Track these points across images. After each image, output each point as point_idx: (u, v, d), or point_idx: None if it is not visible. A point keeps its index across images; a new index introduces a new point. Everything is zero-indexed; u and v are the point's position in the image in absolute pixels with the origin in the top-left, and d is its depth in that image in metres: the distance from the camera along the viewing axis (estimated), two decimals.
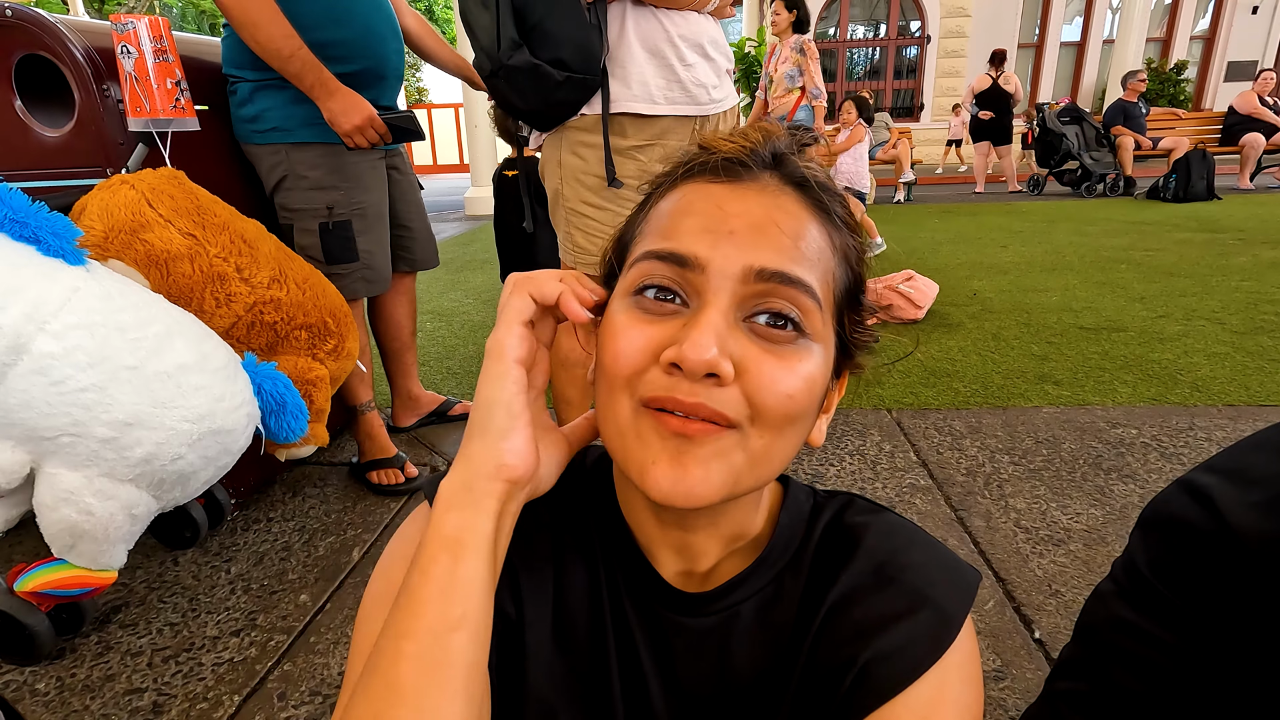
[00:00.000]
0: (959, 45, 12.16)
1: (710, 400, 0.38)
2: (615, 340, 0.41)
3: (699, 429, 0.38)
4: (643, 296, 0.41)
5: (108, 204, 1.26)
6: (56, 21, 1.41)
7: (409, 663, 0.36)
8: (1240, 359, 2.53)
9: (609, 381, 0.41)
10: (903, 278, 3.27)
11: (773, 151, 0.44)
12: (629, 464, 0.41)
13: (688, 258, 0.40)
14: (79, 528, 1.11)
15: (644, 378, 0.40)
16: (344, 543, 1.63)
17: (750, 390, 0.38)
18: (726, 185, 0.42)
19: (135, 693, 1.20)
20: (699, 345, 0.37)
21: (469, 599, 0.38)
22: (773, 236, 0.40)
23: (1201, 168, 6.74)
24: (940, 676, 0.41)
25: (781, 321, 0.40)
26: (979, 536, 1.55)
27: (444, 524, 0.40)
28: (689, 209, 0.42)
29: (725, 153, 0.43)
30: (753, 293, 0.39)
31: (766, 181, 0.43)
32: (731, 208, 0.41)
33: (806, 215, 0.42)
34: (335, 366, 1.53)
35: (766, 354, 0.39)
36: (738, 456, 0.40)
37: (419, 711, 0.36)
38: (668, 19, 1.29)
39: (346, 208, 1.69)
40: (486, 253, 5.55)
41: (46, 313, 1.02)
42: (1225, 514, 0.51)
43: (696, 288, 0.40)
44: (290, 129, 1.61)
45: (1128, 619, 0.58)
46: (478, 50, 1.31)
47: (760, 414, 0.39)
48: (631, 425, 0.40)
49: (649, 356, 0.39)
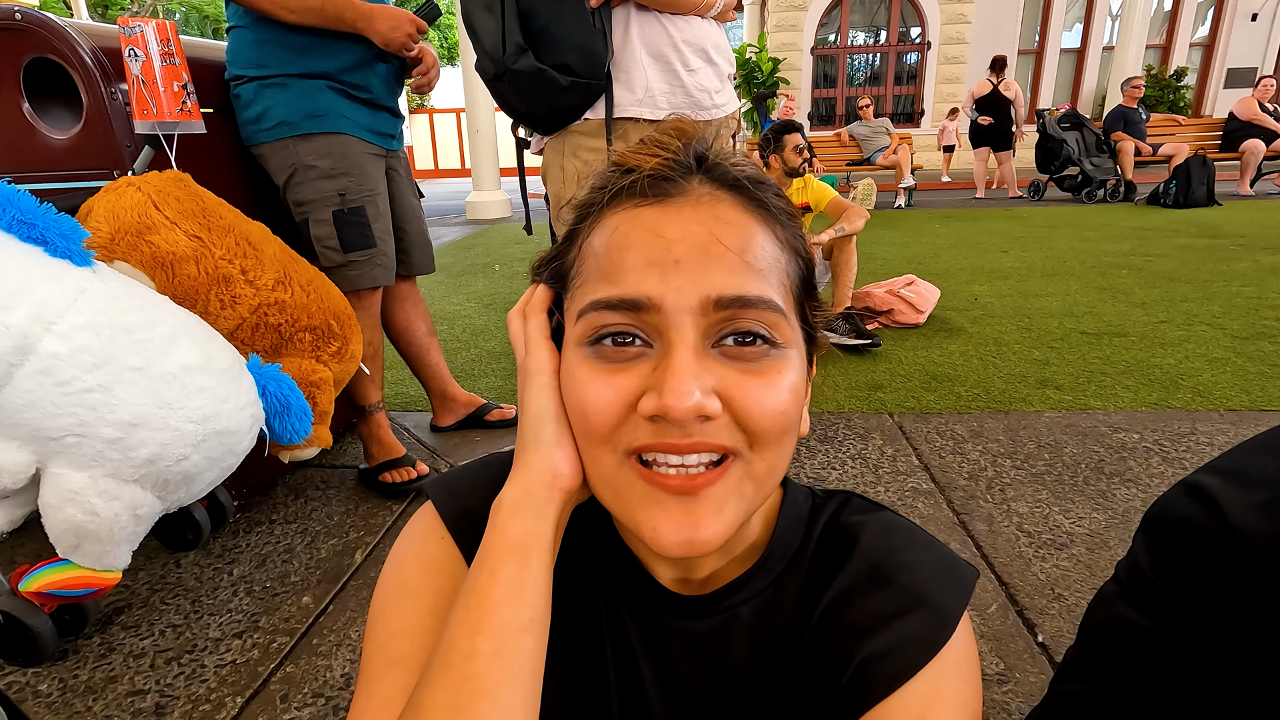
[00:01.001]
0: (959, 51, 12.19)
1: (705, 435, 0.37)
2: (582, 396, 0.39)
3: (704, 480, 0.38)
4: (601, 346, 0.39)
5: (114, 206, 1.27)
6: (65, 25, 1.42)
7: (486, 660, 0.37)
8: (1241, 364, 2.53)
9: (585, 437, 0.40)
10: (904, 282, 3.28)
11: (696, 155, 0.42)
12: (628, 520, 0.40)
13: (639, 300, 0.37)
14: (84, 528, 1.11)
15: (623, 429, 0.38)
16: (346, 545, 1.63)
17: (740, 415, 0.38)
18: (658, 206, 0.40)
19: (138, 694, 1.20)
20: (679, 393, 0.35)
21: (536, 603, 0.39)
22: (720, 256, 0.38)
23: (1202, 174, 6.75)
24: (936, 674, 0.41)
25: (750, 338, 0.38)
26: (981, 540, 1.55)
27: (509, 530, 0.40)
28: (626, 243, 0.39)
29: (648, 169, 0.40)
30: (715, 320, 0.38)
31: (698, 191, 0.40)
32: (670, 233, 0.38)
33: (747, 219, 0.40)
34: (339, 369, 1.54)
35: (745, 375, 0.38)
36: (746, 486, 0.39)
37: (497, 705, 0.36)
38: (671, 24, 1.30)
39: (358, 194, 1.69)
40: (488, 257, 5.56)
41: (53, 313, 1.03)
42: (1228, 514, 0.51)
43: (656, 327, 0.38)
44: (295, 122, 1.62)
45: (1131, 620, 0.58)
46: (481, 54, 1.32)
47: (756, 436, 0.38)
48: (622, 479, 0.39)
49: (624, 409, 0.38)
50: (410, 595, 0.46)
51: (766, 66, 11.09)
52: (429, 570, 0.47)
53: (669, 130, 0.43)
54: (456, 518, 0.48)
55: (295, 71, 1.60)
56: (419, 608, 0.45)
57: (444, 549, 0.47)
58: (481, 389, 2.57)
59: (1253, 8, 12.03)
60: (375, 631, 0.45)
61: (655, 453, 0.38)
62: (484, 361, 2.94)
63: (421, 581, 0.46)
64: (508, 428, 2.24)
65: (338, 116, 1.65)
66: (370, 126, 1.73)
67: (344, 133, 1.65)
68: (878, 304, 3.22)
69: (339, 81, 1.64)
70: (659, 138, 0.42)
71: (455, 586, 0.46)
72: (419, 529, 0.49)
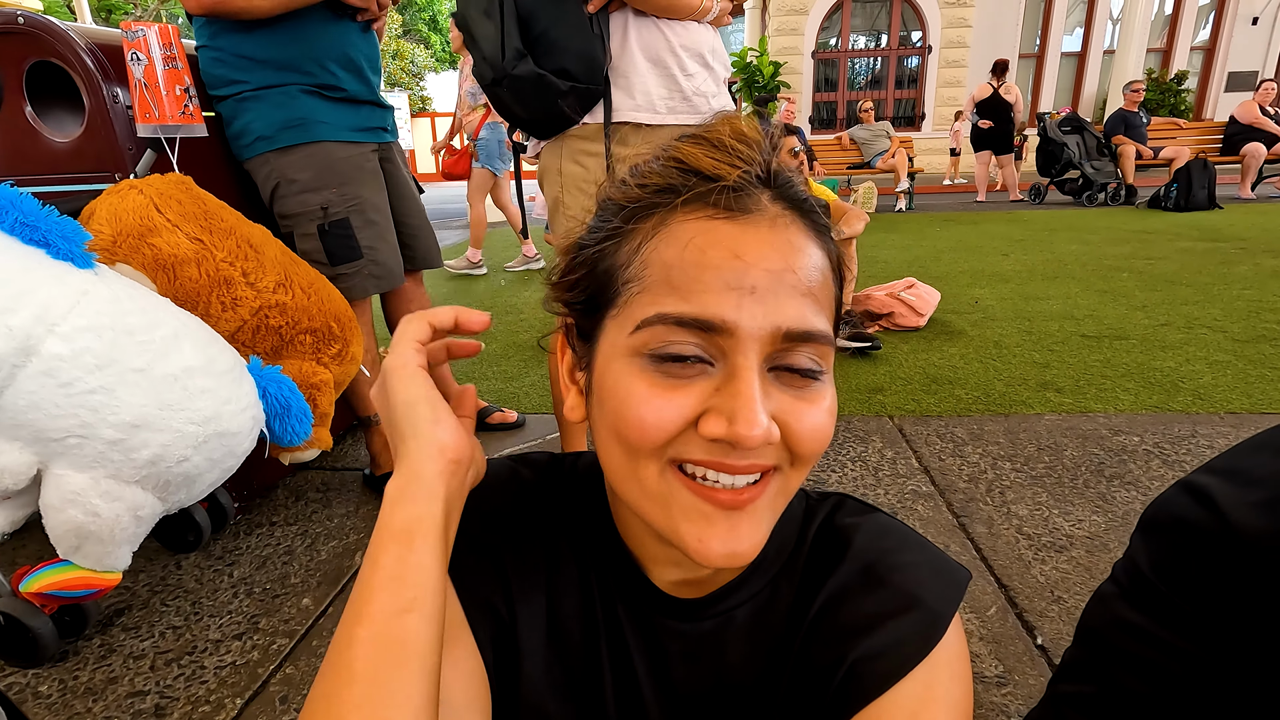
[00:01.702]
0: (960, 55, 12.22)
1: (760, 458, 0.38)
2: (638, 410, 0.38)
3: (749, 496, 0.39)
4: (666, 364, 0.38)
5: (116, 209, 1.28)
6: (67, 29, 1.43)
7: (361, 646, 0.37)
8: (1242, 367, 2.53)
9: (631, 449, 0.39)
10: (904, 285, 3.28)
11: (765, 168, 0.41)
12: (669, 529, 0.40)
13: (715, 323, 0.37)
14: (85, 529, 1.11)
15: (676, 442, 0.38)
16: (346, 547, 1.63)
17: (792, 439, 0.39)
18: (734, 223, 0.39)
19: (137, 695, 1.20)
20: (753, 423, 0.36)
21: (421, 584, 0.38)
22: (793, 287, 0.38)
23: (1203, 177, 6.75)
24: (929, 674, 0.41)
25: (806, 370, 0.39)
26: (981, 543, 1.55)
27: (393, 518, 0.40)
28: (703, 260, 0.38)
29: (729, 181, 0.39)
30: (779, 349, 0.38)
31: (769, 209, 0.40)
32: (749, 255, 0.38)
33: (810, 243, 0.40)
34: (339, 371, 1.54)
35: (798, 401, 0.39)
36: (780, 500, 0.41)
37: (373, 688, 0.36)
38: (669, 29, 1.31)
39: (341, 205, 1.67)
40: (489, 259, 5.57)
41: (55, 315, 1.03)
42: (1226, 513, 0.51)
43: (722, 349, 0.38)
44: (272, 136, 1.61)
45: (1130, 620, 0.58)
46: (479, 59, 1.32)
47: (801, 457, 0.40)
48: (664, 489, 0.39)
49: (683, 425, 0.38)
50: None
51: (767, 70, 11.11)
52: None
53: (736, 135, 0.41)
54: None
55: (266, 83, 1.57)
56: None
57: None
58: (482, 392, 2.58)
59: (1253, 11, 12.05)
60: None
61: (706, 469, 0.38)
62: (485, 364, 2.95)
63: None
64: (509, 430, 2.25)
65: (315, 123, 1.62)
66: (353, 125, 1.70)
67: (324, 140, 1.63)
68: (878, 307, 3.23)
69: (311, 84, 1.62)
70: (727, 142, 0.40)
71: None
72: None
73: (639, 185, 0.42)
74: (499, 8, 1.22)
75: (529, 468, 0.53)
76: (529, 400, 2.51)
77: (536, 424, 2.30)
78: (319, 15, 1.61)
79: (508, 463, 0.54)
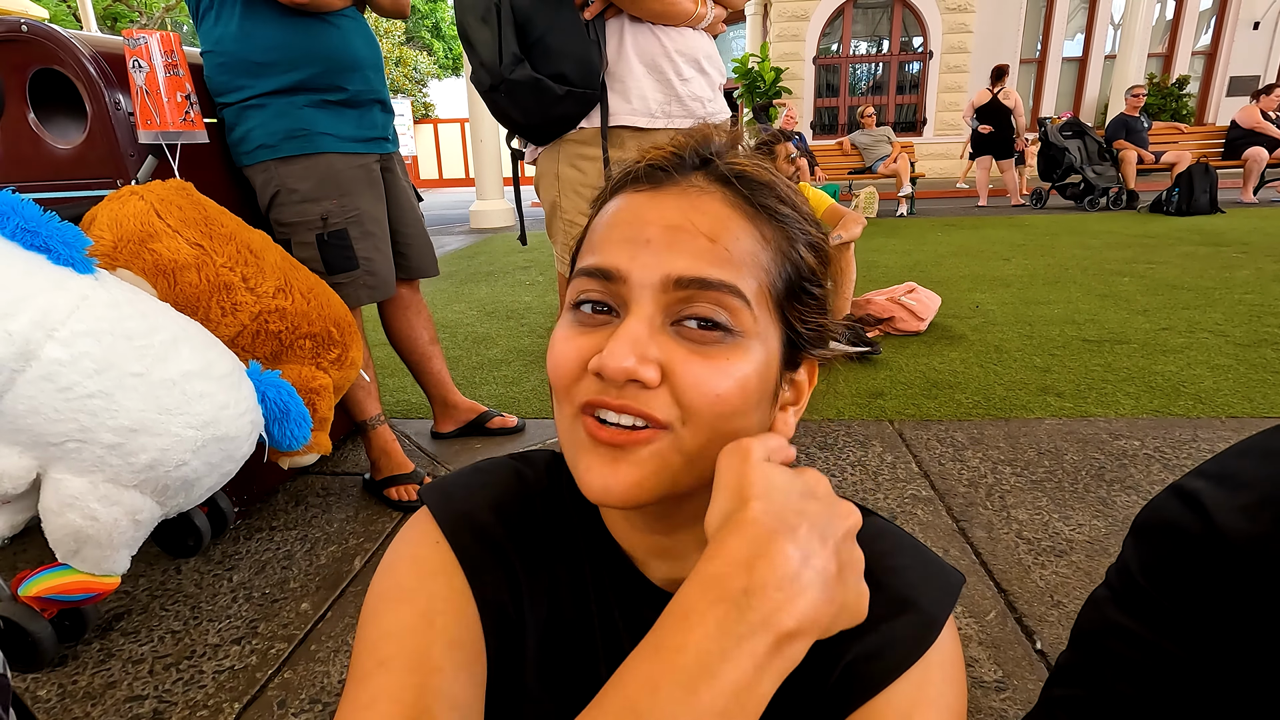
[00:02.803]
0: (961, 61, 12.23)
1: (637, 401, 0.40)
2: (554, 352, 0.43)
3: (627, 439, 0.40)
4: (579, 311, 0.43)
5: (117, 214, 1.29)
6: (70, 36, 1.44)
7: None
8: (1243, 371, 2.52)
9: (555, 392, 0.44)
10: (904, 290, 3.28)
11: (700, 154, 0.44)
12: (573, 467, 0.43)
13: (610, 270, 0.41)
14: (83, 533, 1.12)
15: (579, 385, 0.42)
16: (346, 552, 1.64)
17: (678, 392, 0.40)
18: (648, 193, 0.43)
19: (136, 700, 1.20)
20: (615, 354, 0.39)
21: None
22: (689, 240, 0.41)
23: (1204, 181, 6.75)
24: (922, 675, 0.42)
25: (708, 323, 0.40)
26: (981, 547, 1.54)
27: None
28: (614, 221, 0.43)
29: (650, 160, 0.44)
30: (676, 299, 0.40)
31: (690, 183, 0.43)
32: (649, 215, 0.42)
33: (729, 213, 0.42)
34: (339, 375, 1.55)
35: (694, 355, 0.40)
36: (673, 457, 0.41)
37: None
38: (664, 35, 1.32)
39: (341, 216, 1.69)
40: (491, 265, 5.59)
41: (55, 320, 1.04)
42: (1213, 517, 0.51)
43: (623, 298, 0.41)
44: (274, 145, 1.62)
45: (1121, 624, 0.58)
46: (477, 65, 1.33)
47: (691, 414, 0.40)
48: (571, 430, 0.43)
49: (580, 366, 0.41)
50: (403, 597, 0.46)
51: (769, 76, 11.14)
52: (423, 573, 0.47)
53: (690, 131, 0.46)
54: (452, 522, 0.48)
55: (269, 89, 1.58)
56: (411, 610, 0.45)
57: (439, 553, 0.47)
58: (483, 396, 2.58)
59: (1254, 16, 12.06)
60: (366, 633, 0.45)
61: (596, 408, 0.41)
62: (486, 369, 2.95)
63: (415, 584, 0.46)
64: (508, 435, 2.25)
65: (319, 135, 1.63)
66: (356, 135, 1.71)
67: (327, 151, 1.64)
68: (878, 311, 3.23)
69: (316, 89, 1.62)
70: (679, 138, 0.46)
71: (449, 590, 0.46)
72: (414, 533, 0.49)
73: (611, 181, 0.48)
74: (496, 14, 1.23)
75: (530, 466, 0.54)
76: (529, 405, 2.51)
77: (536, 428, 2.30)
78: (322, 19, 1.62)
79: (510, 462, 0.54)
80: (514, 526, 0.50)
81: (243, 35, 1.55)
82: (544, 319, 3.74)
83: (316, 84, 1.62)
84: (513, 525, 0.50)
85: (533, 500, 0.51)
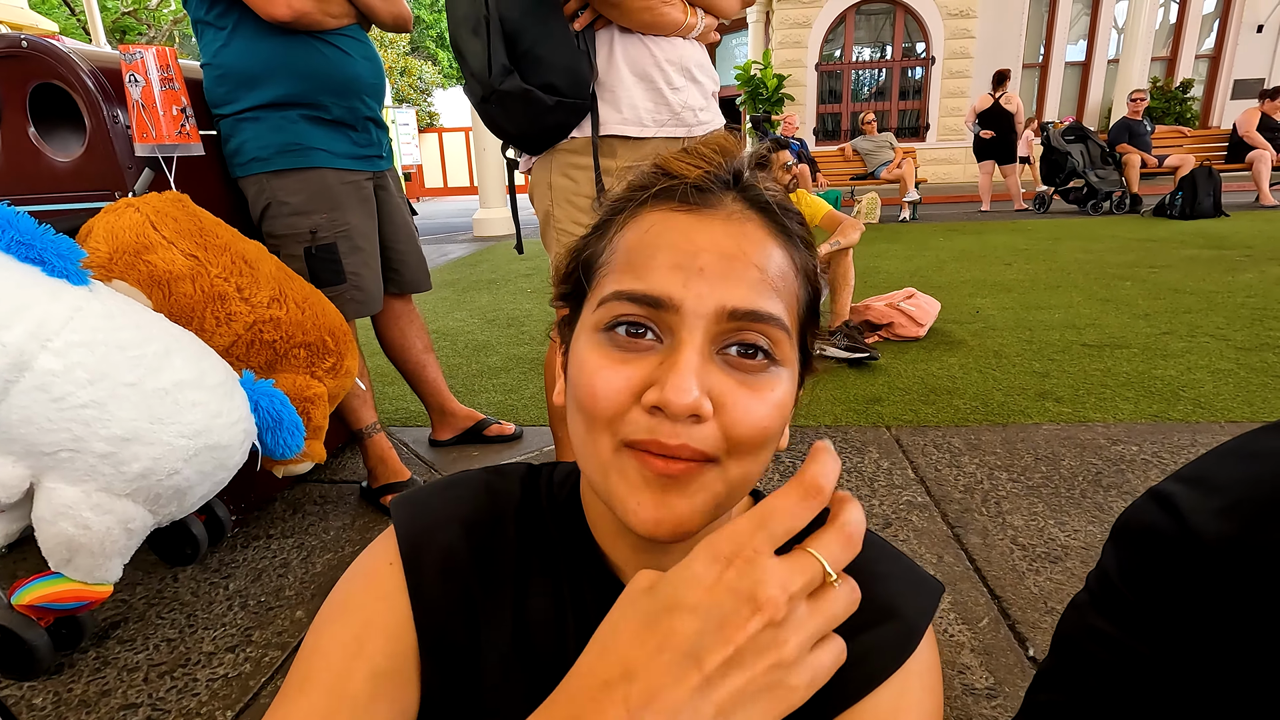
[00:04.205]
0: (964, 66, 12.24)
1: (692, 440, 0.39)
2: (591, 380, 0.40)
3: (682, 469, 0.39)
4: (615, 333, 0.41)
5: (113, 226, 1.30)
6: (69, 51, 1.46)
7: None
8: (1245, 375, 2.51)
9: (587, 420, 0.41)
10: (904, 295, 3.28)
11: (733, 172, 0.44)
12: (613, 499, 0.41)
13: (661, 299, 0.39)
14: (76, 541, 1.13)
15: (625, 419, 0.40)
16: (341, 560, 1.64)
17: (727, 425, 0.39)
18: (692, 214, 0.42)
19: (130, 708, 1.21)
20: (681, 389, 0.37)
21: None
22: (742, 271, 0.40)
23: (1208, 185, 6.72)
24: (902, 683, 0.42)
25: (752, 350, 0.40)
26: (975, 553, 1.54)
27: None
28: (658, 242, 0.41)
29: (691, 179, 0.42)
30: (726, 329, 0.40)
31: (730, 207, 0.42)
32: (700, 240, 0.40)
33: (770, 241, 0.42)
34: (334, 384, 1.56)
35: (740, 386, 0.40)
36: (719, 487, 0.41)
37: None
38: (654, 44, 1.32)
39: (330, 230, 1.70)
40: (494, 273, 5.61)
41: (49, 331, 1.05)
42: (1188, 520, 0.51)
43: (670, 326, 0.40)
44: (267, 158, 1.63)
45: (1099, 628, 0.58)
46: (468, 76, 1.34)
47: (737, 446, 0.40)
48: (614, 462, 0.41)
49: (629, 397, 0.39)
50: (344, 616, 0.46)
51: (771, 83, 11.17)
52: (370, 594, 0.47)
53: (714, 145, 0.45)
54: (411, 541, 0.48)
55: (264, 102, 1.60)
56: (346, 631, 0.45)
57: (390, 575, 0.47)
58: (481, 404, 2.59)
59: (1258, 19, 12.04)
60: (307, 640, 0.46)
61: (647, 448, 0.39)
62: (485, 377, 2.96)
63: (359, 603, 0.46)
64: (506, 443, 2.25)
65: (313, 150, 1.65)
66: (350, 152, 1.73)
67: (320, 166, 1.65)
68: (877, 317, 3.22)
69: (311, 104, 1.64)
70: (703, 150, 0.44)
71: (389, 616, 0.46)
72: (378, 547, 0.49)
73: (625, 188, 0.46)
74: (485, 26, 1.24)
75: (503, 478, 0.53)
76: (527, 413, 2.52)
77: (534, 436, 2.30)
78: (320, 38, 1.64)
79: (480, 474, 0.54)
80: (479, 544, 0.49)
81: (238, 49, 1.57)
82: (544, 326, 3.75)
83: (306, 99, 1.63)
84: (478, 542, 0.49)
85: (503, 515, 0.51)
